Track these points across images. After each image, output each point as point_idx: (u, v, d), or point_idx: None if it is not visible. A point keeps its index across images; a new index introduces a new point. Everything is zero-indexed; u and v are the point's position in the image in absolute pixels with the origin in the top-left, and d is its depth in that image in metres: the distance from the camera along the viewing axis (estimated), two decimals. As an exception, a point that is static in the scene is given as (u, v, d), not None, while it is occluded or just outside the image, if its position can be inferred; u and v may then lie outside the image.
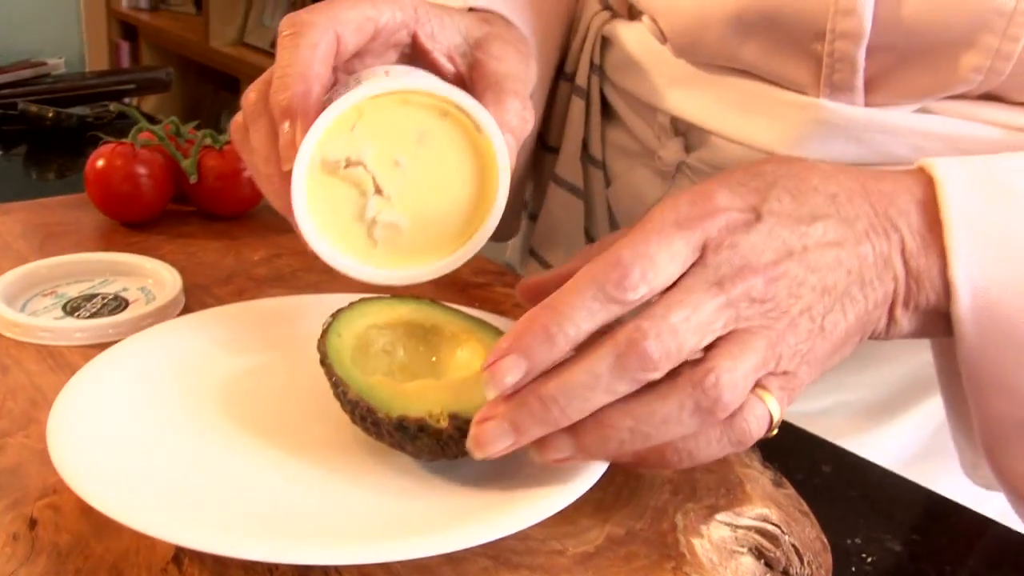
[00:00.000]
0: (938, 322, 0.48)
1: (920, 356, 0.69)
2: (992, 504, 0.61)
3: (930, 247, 0.47)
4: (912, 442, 0.73)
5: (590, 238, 0.85)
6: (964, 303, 0.47)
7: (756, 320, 0.43)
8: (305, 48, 0.50)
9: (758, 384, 0.43)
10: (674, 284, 0.43)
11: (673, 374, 0.41)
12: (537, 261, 0.86)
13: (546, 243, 0.85)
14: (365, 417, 0.45)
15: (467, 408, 0.43)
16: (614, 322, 0.42)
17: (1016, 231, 0.47)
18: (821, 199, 0.47)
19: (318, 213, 0.49)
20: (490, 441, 0.42)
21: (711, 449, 0.43)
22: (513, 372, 0.41)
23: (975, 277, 0.46)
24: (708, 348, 0.42)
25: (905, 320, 0.48)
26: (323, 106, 0.48)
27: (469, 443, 0.42)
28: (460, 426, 0.43)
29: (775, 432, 0.45)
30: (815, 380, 0.46)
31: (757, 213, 0.45)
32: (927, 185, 0.48)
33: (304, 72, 0.49)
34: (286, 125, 0.49)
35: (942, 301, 0.47)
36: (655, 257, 0.42)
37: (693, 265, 0.44)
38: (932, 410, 0.71)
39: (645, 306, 0.42)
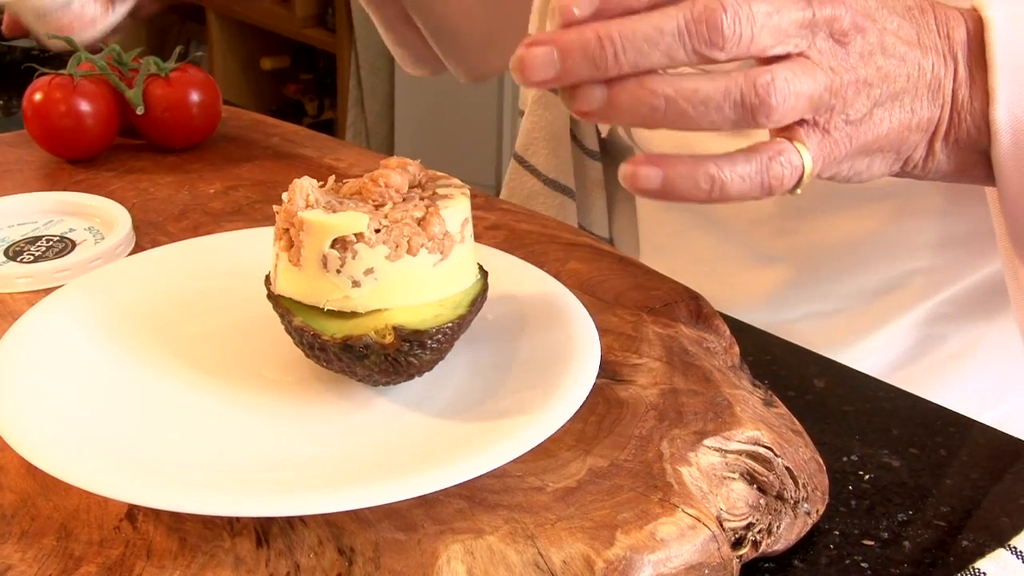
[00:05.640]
0: (977, 164, 0.48)
1: (892, 268, 0.69)
2: (990, 414, 0.59)
3: (976, 83, 0.47)
4: (890, 357, 0.72)
5: (575, 139, 0.82)
6: (1004, 144, 0.46)
7: (827, 59, 0.43)
8: None
9: (796, 136, 0.44)
10: None
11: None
12: (524, 167, 0.84)
13: (532, 146, 0.83)
14: (312, 344, 0.43)
15: (411, 322, 0.42)
16: None
17: None
18: (897, 2, 0.46)
19: None
20: (533, 66, 0.40)
21: (742, 185, 0.43)
22: (583, 5, 0.40)
23: (1016, 117, 0.46)
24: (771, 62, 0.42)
25: (943, 155, 0.48)
26: None
27: (512, 63, 0.41)
28: (406, 337, 0.41)
29: (799, 192, 0.44)
30: (845, 167, 0.46)
31: None
32: (977, 23, 0.47)
33: None
34: None
35: (983, 138, 0.47)
36: None
37: None
38: (907, 325, 0.71)
39: None
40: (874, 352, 0.71)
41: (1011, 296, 0.55)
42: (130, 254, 0.59)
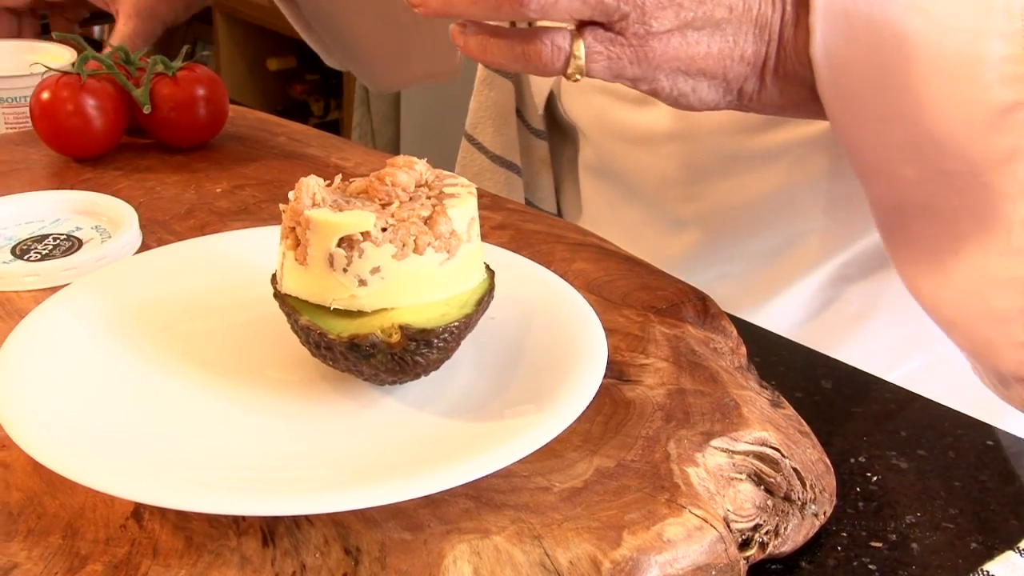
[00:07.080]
0: (809, 99, 0.50)
1: (788, 228, 0.73)
2: (896, 373, 0.61)
3: (800, 23, 0.49)
4: (798, 317, 0.76)
5: (522, 118, 0.85)
6: (824, 77, 0.49)
7: None
8: None
9: (581, 32, 0.47)
10: None
11: None
12: (472, 144, 0.89)
13: (479, 124, 0.88)
14: (318, 343, 0.43)
15: (418, 321, 0.42)
16: None
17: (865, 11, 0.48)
18: None
19: None
20: None
21: (501, 52, 0.48)
22: None
23: (832, 52, 0.48)
24: None
25: (775, 88, 0.50)
26: None
27: None
28: (413, 336, 0.41)
29: (577, 79, 0.48)
30: (644, 78, 0.49)
31: None
32: None
33: None
34: None
35: (808, 72, 0.49)
36: None
37: None
38: (811, 286, 0.75)
39: None
40: (782, 313, 0.75)
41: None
42: (136, 253, 0.59)
